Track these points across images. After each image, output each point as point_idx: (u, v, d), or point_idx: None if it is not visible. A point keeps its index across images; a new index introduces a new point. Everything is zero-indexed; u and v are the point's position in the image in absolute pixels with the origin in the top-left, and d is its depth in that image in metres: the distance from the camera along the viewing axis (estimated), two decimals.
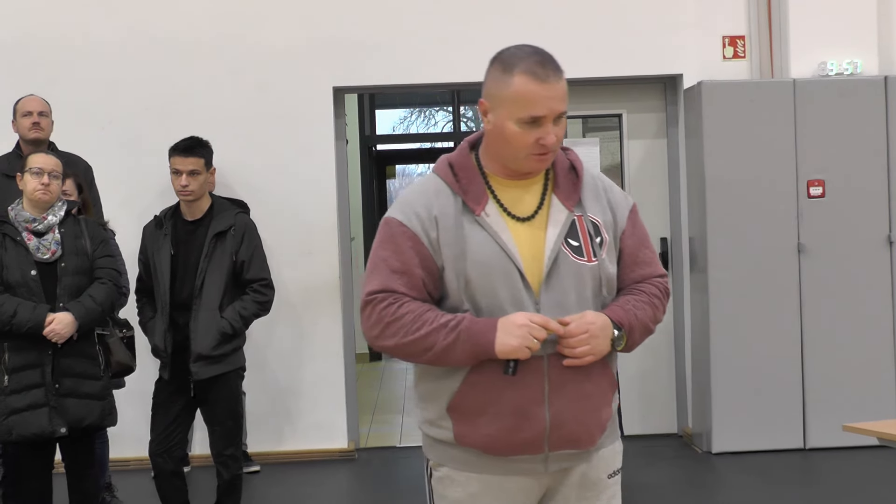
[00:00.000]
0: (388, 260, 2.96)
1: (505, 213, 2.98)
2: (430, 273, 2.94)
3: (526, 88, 2.87)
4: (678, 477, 7.56)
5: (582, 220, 3.00)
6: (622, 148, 8.56)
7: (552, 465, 3.00)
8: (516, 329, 2.83)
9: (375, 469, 8.04)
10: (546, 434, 2.93)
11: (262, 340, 7.86)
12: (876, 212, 7.82)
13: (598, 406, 3.00)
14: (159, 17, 8.12)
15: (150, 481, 6.62)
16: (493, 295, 2.90)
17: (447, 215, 2.95)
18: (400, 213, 2.99)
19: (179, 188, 5.81)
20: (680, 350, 8.42)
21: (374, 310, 2.94)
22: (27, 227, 5.39)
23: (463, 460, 3.02)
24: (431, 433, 3.06)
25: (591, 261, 2.97)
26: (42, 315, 5.27)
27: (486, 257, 2.90)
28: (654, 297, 3.09)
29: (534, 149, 2.91)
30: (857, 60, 7.96)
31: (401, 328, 2.90)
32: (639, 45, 8.21)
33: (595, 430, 3.01)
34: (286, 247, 7.93)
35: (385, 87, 9.04)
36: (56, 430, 5.32)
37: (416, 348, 2.90)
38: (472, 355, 2.87)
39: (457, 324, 2.87)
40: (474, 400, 2.93)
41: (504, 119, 2.92)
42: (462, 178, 3.00)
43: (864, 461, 7.37)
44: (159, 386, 5.92)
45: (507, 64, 2.92)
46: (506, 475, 3.00)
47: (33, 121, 6.72)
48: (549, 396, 2.91)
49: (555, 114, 2.90)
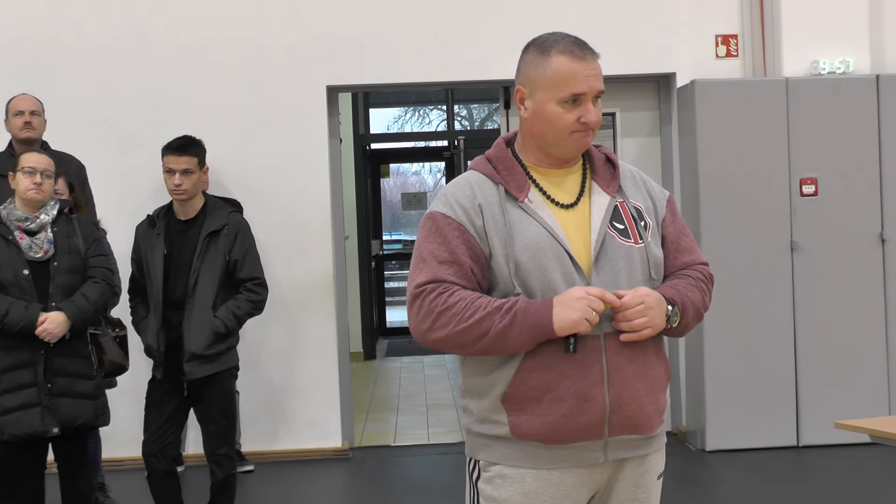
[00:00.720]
0: (435, 252, 2.93)
1: (548, 199, 2.98)
2: (478, 262, 2.92)
3: (566, 67, 2.92)
4: (672, 475, 7.52)
5: (624, 205, 3.02)
6: (616, 146, 8.56)
7: (611, 452, 2.95)
8: (575, 302, 2.80)
9: (370, 468, 8.04)
10: (607, 416, 2.88)
11: (256, 339, 7.86)
12: (868, 210, 7.83)
13: (656, 390, 2.98)
14: (153, 16, 8.12)
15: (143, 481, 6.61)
16: (546, 277, 2.88)
17: (491, 203, 2.94)
18: (443, 205, 2.98)
19: (172, 187, 5.81)
20: (673, 348, 8.42)
21: (424, 301, 2.90)
22: (19, 226, 5.38)
23: (518, 456, 2.95)
24: (483, 430, 2.99)
25: (638, 242, 2.98)
26: (34, 314, 5.26)
27: (535, 241, 2.89)
28: (700, 282, 3.10)
29: (576, 127, 2.94)
30: (849, 59, 7.98)
31: (454, 317, 2.86)
32: (632, 43, 8.22)
33: (654, 416, 2.98)
34: (280, 246, 7.93)
35: (379, 86, 9.05)
36: (48, 429, 5.31)
37: (471, 335, 2.85)
38: (531, 336, 2.83)
39: (511, 306, 2.84)
40: (531, 388, 2.89)
41: (545, 101, 2.94)
42: (501, 169, 3.01)
43: (856, 458, 7.38)
44: (152, 385, 5.91)
45: (544, 47, 2.96)
46: (564, 468, 2.94)
47: (25, 120, 6.70)
48: (609, 377, 2.88)
49: (595, 91, 2.94)
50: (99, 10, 8.10)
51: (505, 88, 8.57)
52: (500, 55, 7.99)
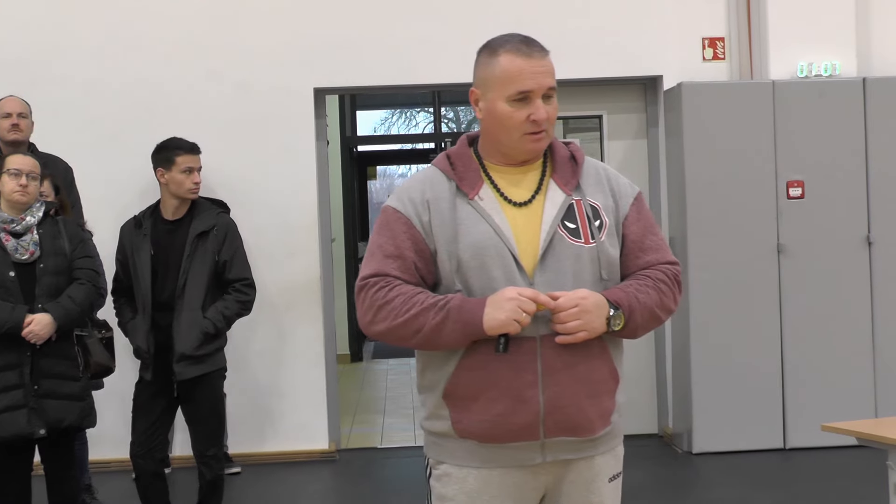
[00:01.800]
0: (382, 245, 2.97)
1: (501, 197, 2.98)
2: (422, 257, 2.94)
3: (512, 65, 2.94)
4: (658, 477, 7.57)
5: (580, 204, 2.99)
6: (602, 149, 8.57)
7: (550, 454, 2.95)
8: (505, 302, 2.81)
9: (356, 470, 8.04)
10: (541, 418, 2.89)
11: (242, 341, 7.84)
12: (855, 212, 7.85)
13: (598, 393, 2.95)
14: (140, 18, 8.10)
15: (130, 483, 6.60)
16: (487, 276, 2.89)
17: (441, 199, 2.96)
18: (395, 200, 3.02)
19: (192, 186, 5.91)
20: (660, 350, 8.43)
21: (367, 294, 2.94)
22: (5, 227, 5.36)
23: (461, 454, 2.98)
24: (431, 427, 3.04)
25: (589, 242, 2.96)
26: (20, 316, 5.25)
27: (479, 239, 2.90)
28: (660, 283, 3.03)
29: (526, 127, 2.95)
30: (835, 62, 7.99)
31: (392, 311, 2.89)
32: (619, 46, 8.23)
33: (595, 419, 2.96)
34: (267, 248, 7.92)
35: (366, 88, 9.04)
36: (35, 431, 5.30)
37: (407, 330, 2.89)
38: (463, 334, 2.85)
39: (446, 303, 2.86)
40: (468, 385, 2.91)
41: (495, 101, 2.96)
42: (458, 166, 3.02)
43: (843, 461, 7.39)
44: (140, 387, 5.91)
45: (493, 47, 3.00)
46: (504, 468, 2.96)
47: (12, 122, 6.68)
48: (544, 379, 2.88)
49: (543, 88, 2.96)
50: (85, 12, 8.08)
51: None
52: None
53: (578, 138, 8.68)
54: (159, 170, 5.92)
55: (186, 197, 5.91)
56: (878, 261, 7.86)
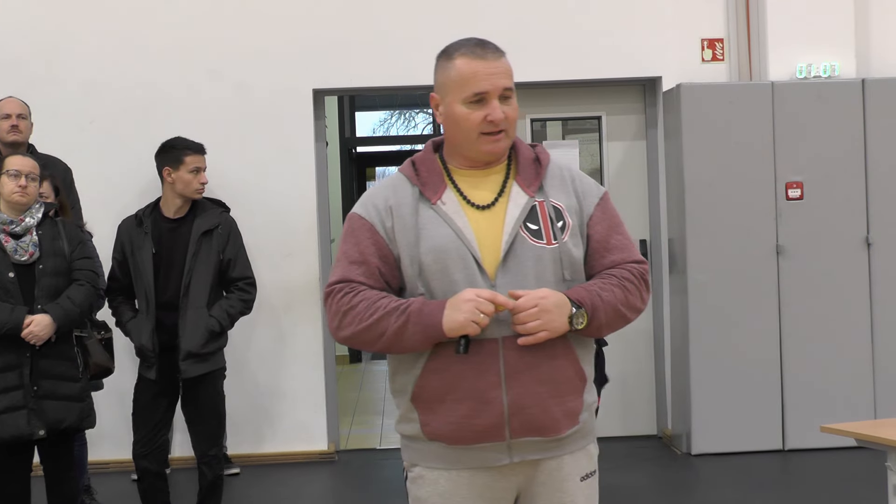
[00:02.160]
0: (347, 252, 3.02)
1: (464, 200, 3.01)
2: (386, 262, 2.99)
3: (467, 67, 2.99)
4: (658, 478, 7.57)
5: (543, 205, 3.02)
6: (601, 150, 8.57)
7: (517, 454, 2.97)
8: (462, 304, 2.84)
9: (355, 471, 8.03)
10: (506, 419, 2.92)
11: (241, 342, 7.84)
12: (854, 213, 7.85)
13: (563, 393, 2.97)
14: (139, 19, 8.10)
15: (129, 483, 6.61)
16: (448, 280, 2.93)
17: (403, 205, 3.00)
18: (360, 207, 3.07)
19: (199, 186, 5.95)
20: (659, 351, 8.44)
21: (333, 300, 2.99)
22: (4, 229, 5.36)
23: (432, 456, 3.02)
24: (402, 430, 3.08)
25: (552, 243, 2.98)
26: (20, 317, 5.25)
27: (441, 243, 2.94)
28: (625, 281, 3.03)
29: (483, 127, 2.97)
30: (834, 63, 7.99)
31: (356, 316, 2.94)
32: (618, 47, 8.23)
33: (561, 418, 2.97)
34: (266, 248, 7.91)
35: (365, 90, 9.05)
36: (34, 431, 5.30)
37: (371, 335, 2.93)
38: (424, 336, 2.89)
39: (406, 307, 2.90)
40: (433, 387, 2.95)
41: (452, 104, 3.01)
42: (422, 171, 3.06)
43: (842, 462, 7.39)
44: (141, 387, 5.91)
45: (449, 52, 3.06)
46: (473, 469, 2.99)
47: (12, 123, 6.68)
48: (507, 380, 2.91)
49: (498, 89, 2.98)
50: (85, 13, 8.08)
51: None
52: None
53: (577, 139, 8.68)
54: (166, 169, 5.93)
55: (193, 197, 5.94)
56: (878, 262, 7.86)
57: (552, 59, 8.21)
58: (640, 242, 8.45)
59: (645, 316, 8.48)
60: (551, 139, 8.69)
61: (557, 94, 8.55)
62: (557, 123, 8.79)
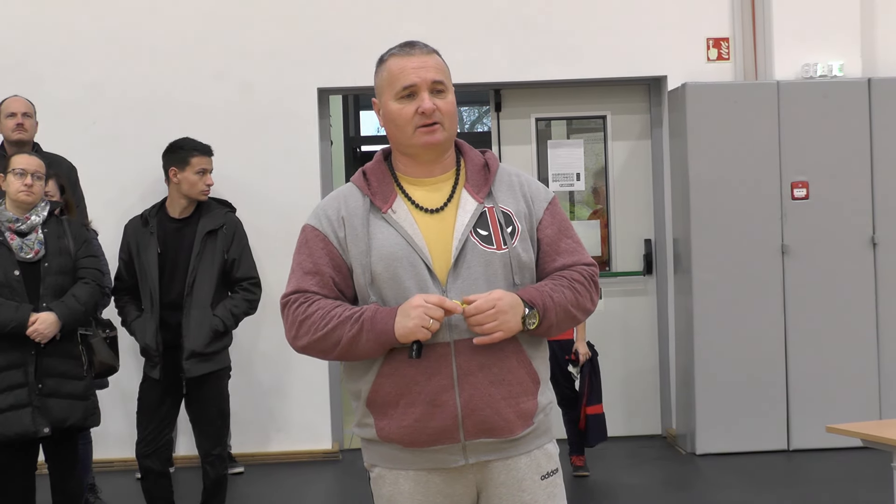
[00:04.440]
0: (301, 263, 3.08)
1: (414, 206, 3.05)
2: (340, 272, 3.03)
3: (396, 66, 3.06)
4: (662, 478, 7.57)
5: (492, 211, 3.06)
6: (606, 149, 8.57)
7: (472, 455, 3.00)
8: (412, 310, 2.87)
9: (359, 470, 7.96)
10: (459, 421, 2.95)
11: (247, 342, 7.84)
12: (859, 213, 7.84)
13: (515, 395, 3.00)
14: (143, 18, 8.10)
15: (133, 482, 6.62)
16: (400, 287, 2.96)
17: (355, 215, 3.04)
18: (313, 218, 3.12)
19: (204, 187, 5.96)
20: (664, 351, 8.43)
21: (289, 311, 3.05)
22: (10, 227, 5.37)
23: (389, 458, 3.06)
24: (361, 433, 3.12)
25: (501, 248, 3.01)
26: (25, 315, 5.26)
27: (392, 250, 2.97)
28: (575, 283, 3.08)
29: (417, 120, 3.02)
30: (840, 62, 7.98)
31: (311, 325, 2.98)
32: (623, 46, 8.23)
33: (514, 419, 3.00)
34: (270, 247, 7.90)
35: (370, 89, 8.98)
36: (39, 430, 5.30)
37: (326, 343, 2.97)
38: (378, 344, 2.92)
39: (360, 315, 2.93)
40: (387, 392, 2.98)
41: (387, 103, 3.07)
42: (373, 181, 3.10)
43: (847, 462, 7.39)
44: (146, 386, 5.92)
45: (382, 57, 3.13)
46: (430, 470, 3.02)
47: (17, 122, 6.69)
48: (459, 383, 2.94)
49: (427, 82, 3.04)
50: (89, 12, 8.08)
51: (496, 91, 8.56)
52: (490, 58, 8.01)
53: (582, 138, 8.68)
54: (172, 169, 5.93)
55: (198, 198, 5.95)
56: (883, 262, 7.85)
57: (557, 59, 8.21)
58: (645, 242, 8.45)
59: (649, 315, 8.49)
60: (556, 138, 8.69)
61: (562, 94, 8.54)
62: (562, 123, 8.78)
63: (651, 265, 8.50)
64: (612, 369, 8.09)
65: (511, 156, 8.50)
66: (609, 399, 7.74)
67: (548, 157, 8.55)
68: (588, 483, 7.29)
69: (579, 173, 8.53)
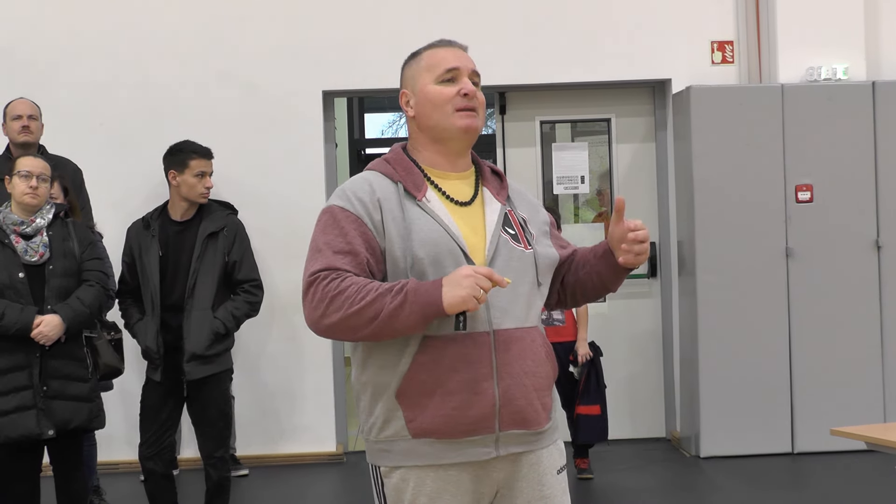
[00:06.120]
0: (331, 243, 2.97)
1: (445, 198, 3.06)
2: (374, 255, 2.96)
3: (435, 54, 3.13)
4: (666, 481, 7.57)
5: (513, 214, 3.12)
6: (611, 152, 8.57)
7: (503, 447, 2.99)
8: (463, 279, 2.82)
9: (363, 472, 7.99)
10: (496, 410, 2.94)
11: (251, 344, 7.85)
12: (864, 216, 7.84)
13: (542, 387, 3.04)
14: (149, 21, 8.11)
15: (138, 484, 6.62)
16: (441, 273, 2.92)
17: (390, 199, 3.00)
18: (341, 200, 3.03)
19: (203, 190, 5.93)
20: (668, 354, 8.43)
21: (318, 288, 2.92)
22: (15, 229, 5.38)
23: (416, 454, 2.98)
24: (378, 434, 3.04)
25: (528, 248, 3.07)
26: (30, 317, 5.26)
27: (432, 237, 2.95)
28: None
29: (458, 102, 3.05)
30: (845, 65, 7.98)
31: (346, 300, 2.87)
32: (627, 49, 8.23)
33: (542, 412, 3.04)
34: (275, 250, 7.92)
35: (374, 91, 9.04)
36: (43, 431, 5.31)
37: (363, 318, 2.86)
38: (422, 315, 2.84)
39: (402, 287, 2.86)
40: (423, 381, 2.93)
41: (425, 86, 3.10)
42: (400, 169, 3.08)
43: (852, 465, 7.39)
44: (148, 388, 5.92)
45: (416, 52, 3.19)
46: (460, 466, 2.97)
47: (23, 124, 6.71)
48: (498, 372, 2.94)
49: (468, 69, 3.10)
50: (94, 14, 8.10)
51: (500, 94, 8.57)
52: (495, 60, 8.00)
53: (587, 141, 8.69)
54: (171, 172, 5.94)
55: (197, 201, 5.93)
56: (887, 265, 7.85)
57: (562, 62, 8.22)
58: (650, 245, 8.44)
59: (653, 318, 8.49)
60: (560, 141, 8.69)
61: (567, 97, 8.55)
62: (566, 125, 8.79)
63: (655, 268, 8.50)
64: (616, 371, 8.09)
65: (515, 158, 8.51)
66: (613, 401, 7.74)
67: (552, 159, 8.55)
68: (592, 486, 7.29)
69: (584, 176, 8.54)
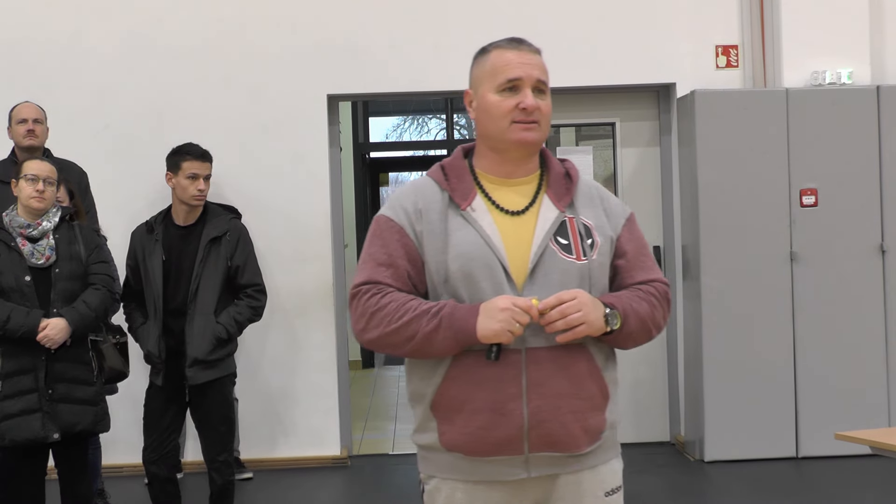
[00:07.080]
0: (374, 254, 2.96)
1: (494, 206, 2.97)
2: (415, 266, 2.94)
3: (500, 57, 3.00)
4: (670, 485, 7.56)
5: (573, 221, 2.98)
6: (615, 156, 8.57)
7: (534, 469, 2.91)
8: (498, 313, 2.78)
9: (368, 476, 8.04)
10: (525, 432, 2.86)
11: (255, 347, 7.86)
12: (868, 220, 7.83)
13: (583, 409, 2.91)
14: (153, 24, 8.12)
15: (142, 487, 6.62)
16: (475, 288, 2.87)
17: (433, 210, 2.95)
18: (389, 209, 3.02)
19: (196, 192, 5.87)
20: (672, 358, 8.43)
21: (360, 302, 2.92)
22: (21, 232, 5.39)
23: (448, 466, 2.96)
24: (419, 440, 3.02)
25: (581, 259, 2.93)
26: (36, 320, 5.27)
27: (469, 250, 2.89)
28: (651, 296, 3.01)
29: (516, 115, 2.94)
30: (849, 70, 7.98)
31: (385, 317, 2.87)
32: (632, 53, 8.23)
33: (580, 435, 2.92)
34: (279, 253, 7.93)
35: (379, 95, 9.05)
36: (49, 435, 5.32)
37: (400, 337, 2.86)
38: (455, 341, 2.82)
39: (439, 310, 2.83)
40: (453, 396, 2.89)
41: (485, 94, 2.99)
42: (452, 176, 3.02)
43: (856, 470, 7.37)
44: (151, 392, 5.92)
45: (485, 48, 3.06)
46: (490, 483, 2.92)
47: (28, 128, 6.72)
48: (528, 393, 2.85)
49: (532, 78, 2.97)
50: (99, 17, 8.11)
51: None
52: None
53: (591, 145, 8.69)
54: (168, 174, 5.93)
55: (190, 203, 5.88)
56: (892, 269, 7.84)
57: (566, 65, 8.20)
58: (654, 249, 8.45)
59: None
60: (565, 145, 8.69)
61: (571, 101, 8.54)
62: (571, 130, 8.79)
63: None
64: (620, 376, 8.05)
65: None
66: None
67: None
68: None
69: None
